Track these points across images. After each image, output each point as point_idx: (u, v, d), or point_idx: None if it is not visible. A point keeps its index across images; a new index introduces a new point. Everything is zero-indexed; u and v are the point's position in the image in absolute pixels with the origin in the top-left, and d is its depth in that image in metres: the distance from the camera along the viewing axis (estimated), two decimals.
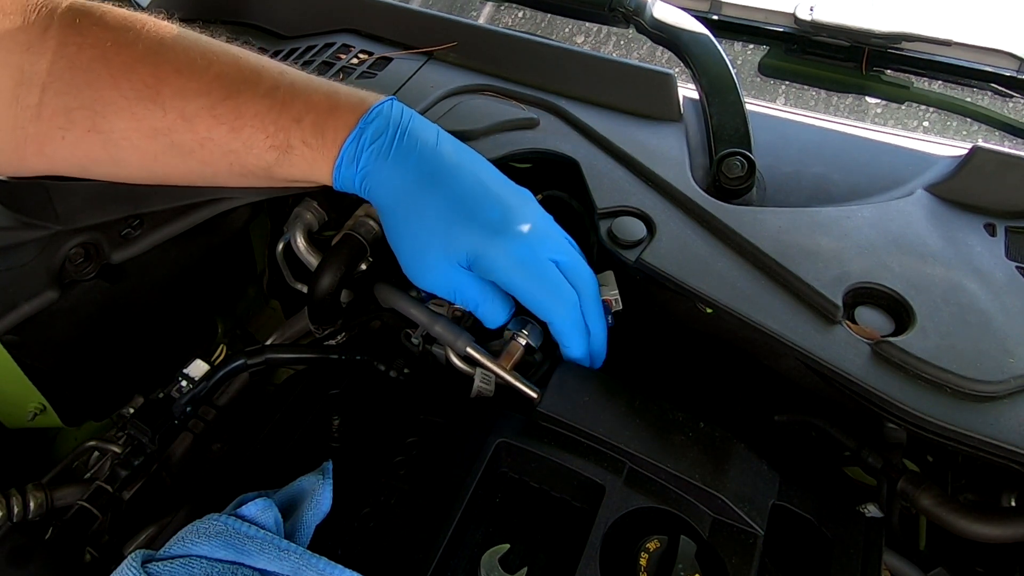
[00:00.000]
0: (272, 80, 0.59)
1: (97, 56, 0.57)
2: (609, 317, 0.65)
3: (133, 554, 0.46)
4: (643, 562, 0.50)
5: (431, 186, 0.58)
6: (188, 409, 0.66)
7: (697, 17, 0.83)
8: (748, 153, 0.67)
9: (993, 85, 0.89)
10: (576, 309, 0.60)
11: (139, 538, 0.65)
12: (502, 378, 0.62)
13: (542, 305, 0.59)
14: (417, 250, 0.59)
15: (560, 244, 0.61)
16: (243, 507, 0.48)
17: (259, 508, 0.48)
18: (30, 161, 0.61)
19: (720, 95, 0.73)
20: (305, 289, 0.70)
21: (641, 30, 0.85)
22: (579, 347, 0.61)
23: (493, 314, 0.61)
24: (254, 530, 0.47)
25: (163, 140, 0.59)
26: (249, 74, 0.59)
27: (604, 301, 0.64)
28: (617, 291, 0.64)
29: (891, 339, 0.54)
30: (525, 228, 0.58)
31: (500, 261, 0.57)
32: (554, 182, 0.72)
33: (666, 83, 0.74)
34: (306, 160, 0.59)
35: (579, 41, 2.75)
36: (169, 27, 0.60)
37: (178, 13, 0.87)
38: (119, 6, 0.61)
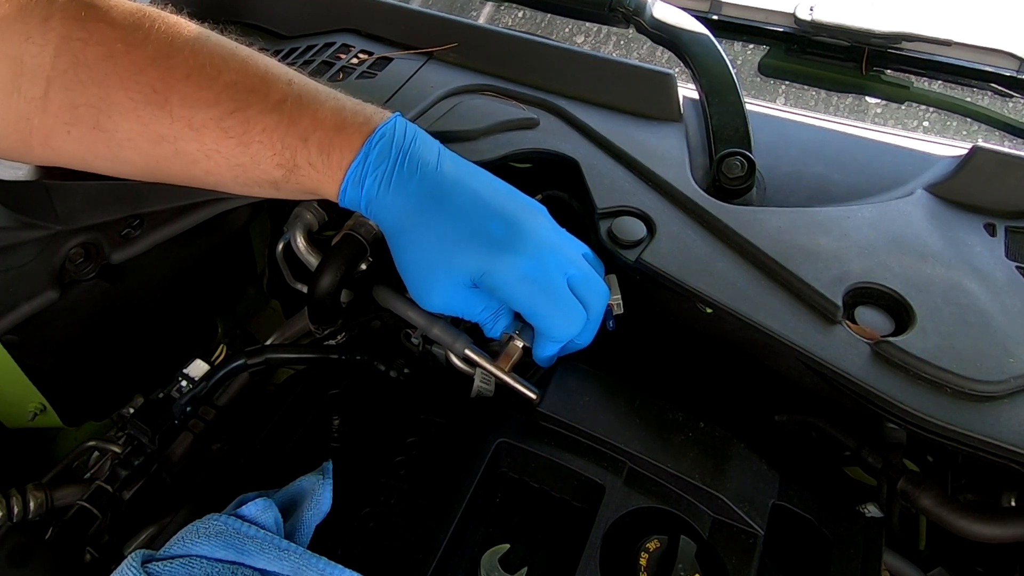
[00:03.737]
0: (280, 91, 0.58)
1: (104, 55, 0.56)
2: (611, 322, 0.65)
3: (133, 554, 0.46)
4: (643, 562, 0.50)
5: (431, 209, 0.57)
6: (188, 409, 0.66)
7: (697, 17, 0.83)
8: (748, 153, 0.67)
9: (993, 85, 0.89)
10: (581, 327, 0.59)
11: (139, 538, 0.65)
12: (501, 379, 0.62)
13: (549, 322, 0.58)
14: (421, 273, 0.58)
15: (571, 257, 0.59)
16: (243, 507, 0.48)
17: (259, 508, 0.48)
18: (36, 151, 0.60)
19: (720, 95, 0.73)
20: (305, 289, 0.70)
21: (641, 30, 0.85)
22: (554, 351, 0.60)
23: (495, 324, 0.61)
24: (254, 530, 0.47)
25: (168, 147, 0.58)
26: (258, 83, 0.58)
27: (607, 306, 0.64)
28: (620, 296, 0.64)
29: (891, 339, 0.54)
30: (531, 243, 0.57)
31: (505, 277, 0.56)
32: (554, 182, 0.72)
33: (666, 83, 0.74)
34: (312, 180, 0.59)
35: (579, 41, 2.75)
36: (179, 26, 0.59)
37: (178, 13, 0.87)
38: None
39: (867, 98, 2.21)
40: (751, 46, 1.03)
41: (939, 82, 0.94)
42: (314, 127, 0.57)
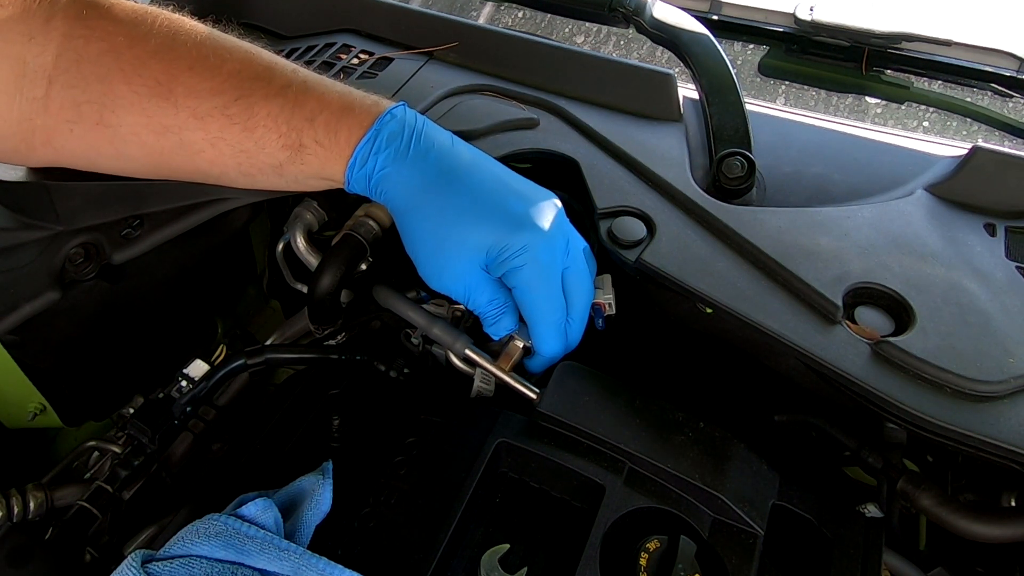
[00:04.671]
0: (285, 78, 0.59)
1: (107, 49, 0.56)
2: (600, 320, 0.65)
3: (133, 554, 0.46)
4: (643, 562, 0.50)
5: (452, 183, 0.57)
6: (188, 409, 0.66)
7: (697, 17, 0.82)
8: (748, 153, 0.67)
9: (993, 85, 0.89)
10: (563, 321, 0.59)
11: (139, 538, 0.65)
12: (501, 379, 0.62)
13: (536, 310, 0.58)
14: (436, 248, 0.58)
15: (576, 248, 0.60)
16: (243, 507, 0.48)
17: (259, 508, 0.48)
18: (39, 152, 0.60)
19: (720, 95, 0.73)
20: (305, 289, 0.70)
21: (641, 30, 0.85)
22: (554, 351, 0.60)
23: (499, 320, 0.60)
24: (254, 530, 0.47)
25: (172, 138, 0.58)
26: (262, 71, 0.58)
27: (598, 304, 0.64)
28: (612, 296, 0.64)
29: (891, 339, 0.54)
30: (548, 222, 0.58)
31: (521, 253, 0.56)
32: (554, 182, 0.72)
33: (666, 83, 0.74)
34: (318, 159, 0.58)
35: (579, 41, 2.75)
36: (181, 21, 0.59)
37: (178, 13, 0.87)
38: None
39: (867, 98, 2.20)
40: (751, 46, 1.03)
41: (939, 82, 0.94)
42: (320, 108, 0.58)
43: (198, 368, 0.67)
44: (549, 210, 0.59)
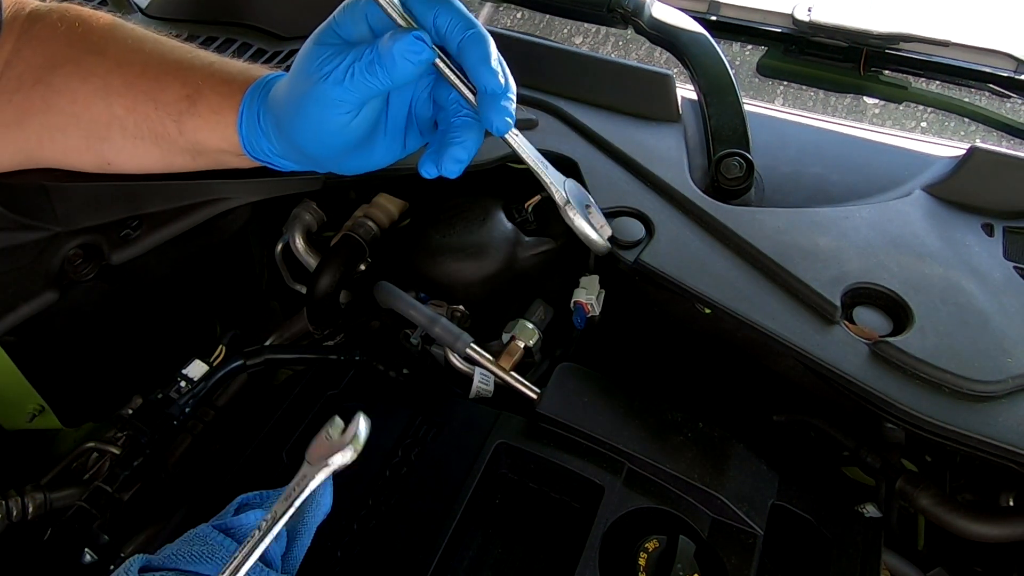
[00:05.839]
0: (195, 52, 0.63)
1: (53, 31, 0.64)
2: (579, 319, 0.65)
3: (132, 559, 0.46)
4: (642, 562, 0.50)
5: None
6: (187, 410, 0.66)
7: (695, 18, 0.83)
8: (746, 154, 0.67)
9: (991, 85, 0.89)
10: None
11: (138, 539, 0.65)
12: (502, 379, 0.62)
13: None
14: (304, 103, 0.54)
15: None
16: (245, 514, 0.48)
17: (260, 517, 0.48)
18: None
19: (718, 95, 0.73)
20: (304, 290, 0.70)
21: (639, 31, 0.85)
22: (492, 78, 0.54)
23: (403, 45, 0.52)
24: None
25: (97, 82, 0.62)
26: (174, 47, 0.64)
27: (580, 304, 0.65)
28: (595, 297, 0.65)
29: (889, 339, 0.55)
30: None
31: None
32: None
33: (665, 84, 0.74)
34: (211, 108, 0.60)
35: (577, 42, 2.75)
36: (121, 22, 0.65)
37: (177, 14, 0.87)
38: (111, 10, 0.62)
39: (865, 98, 2.20)
40: (749, 47, 1.03)
41: (937, 82, 0.94)
42: (220, 66, 0.62)
43: (197, 369, 0.67)
44: None
